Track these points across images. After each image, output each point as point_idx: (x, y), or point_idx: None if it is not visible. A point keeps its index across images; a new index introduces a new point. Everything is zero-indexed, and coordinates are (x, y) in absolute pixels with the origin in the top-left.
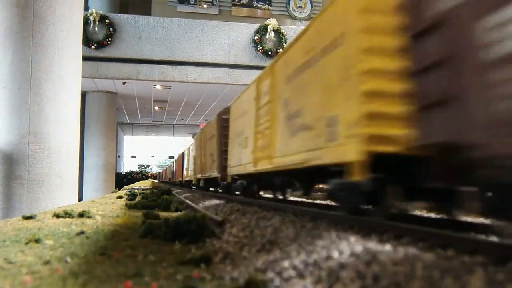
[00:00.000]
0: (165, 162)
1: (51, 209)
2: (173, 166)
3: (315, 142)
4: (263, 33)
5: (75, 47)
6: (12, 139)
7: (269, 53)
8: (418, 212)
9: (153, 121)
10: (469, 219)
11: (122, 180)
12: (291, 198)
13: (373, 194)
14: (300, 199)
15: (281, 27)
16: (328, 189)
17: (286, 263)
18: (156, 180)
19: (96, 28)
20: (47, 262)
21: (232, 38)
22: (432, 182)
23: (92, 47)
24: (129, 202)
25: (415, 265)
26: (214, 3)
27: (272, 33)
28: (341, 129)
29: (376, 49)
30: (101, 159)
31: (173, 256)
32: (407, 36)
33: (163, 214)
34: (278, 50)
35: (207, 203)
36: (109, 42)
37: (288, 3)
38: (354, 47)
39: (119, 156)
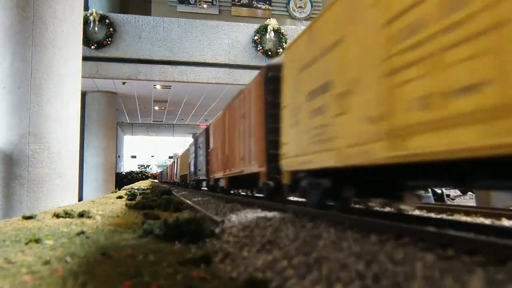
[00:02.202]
0: (165, 162)
1: (51, 209)
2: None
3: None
4: (263, 33)
5: (75, 47)
6: (12, 139)
7: (269, 53)
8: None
9: (153, 121)
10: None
11: (122, 180)
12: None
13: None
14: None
15: (281, 27)
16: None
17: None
18: (156, 181)
19: (96, 28)
20: (47, 262)
21: (232, 38)
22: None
23: (92, 47)
24: (129, 202)
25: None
26: (214, 3)
27: (272, 33)
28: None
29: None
30: (101, 159)
31: (173, 256)
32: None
33: (163, 214)
34: (278, 50)
35: None
36: (109, 42)
37: (288, 3)
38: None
39: (119, 156)
